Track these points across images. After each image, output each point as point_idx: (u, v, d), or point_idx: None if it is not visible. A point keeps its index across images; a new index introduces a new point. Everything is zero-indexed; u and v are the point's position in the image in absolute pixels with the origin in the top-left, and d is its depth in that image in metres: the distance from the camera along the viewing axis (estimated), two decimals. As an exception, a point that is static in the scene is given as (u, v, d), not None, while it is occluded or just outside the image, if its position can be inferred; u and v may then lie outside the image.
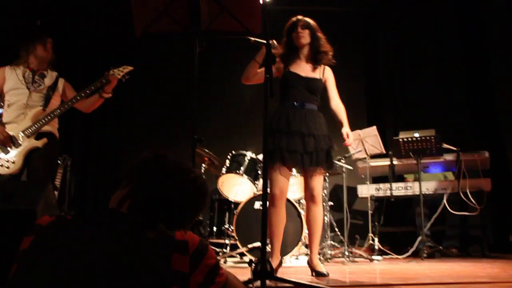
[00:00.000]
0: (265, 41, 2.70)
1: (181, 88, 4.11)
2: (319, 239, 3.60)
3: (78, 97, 3.88)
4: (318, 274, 3.41)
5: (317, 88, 3.68)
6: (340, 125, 3.77)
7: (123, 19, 2.89)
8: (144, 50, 6.60)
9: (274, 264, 3.33)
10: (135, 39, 2.79)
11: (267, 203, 2.76)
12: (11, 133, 3.72)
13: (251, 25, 2.72)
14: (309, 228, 3.58)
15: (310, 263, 3.57)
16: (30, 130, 3.75)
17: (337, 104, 3.80)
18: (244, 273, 3.55)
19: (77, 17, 6.89)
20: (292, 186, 5.06)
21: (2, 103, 3.95)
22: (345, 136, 3.72)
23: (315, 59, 3.69)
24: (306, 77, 3.63)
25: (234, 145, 5.67)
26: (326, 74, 3.77)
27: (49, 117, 3.80)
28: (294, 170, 4.18)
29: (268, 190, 3.22)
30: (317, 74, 3.70)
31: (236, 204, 5.18)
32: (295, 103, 3.57)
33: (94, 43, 6.95)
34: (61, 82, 4.10)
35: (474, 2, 7.00)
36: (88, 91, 3.89)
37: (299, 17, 3.71)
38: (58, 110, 3.82)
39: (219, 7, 2.65)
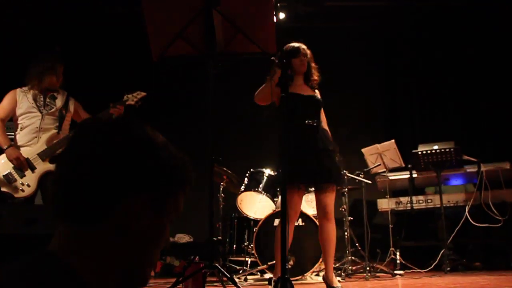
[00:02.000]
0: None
1: (199, 109, 4.15)
2: (333, 254, 3.59)
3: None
4: None
5: (319, 105, 3.75)
6: None
7: (141, 42, 2.94)
8: (162, 73, 6.69)
9: None
10: (152, 63, 2.84)
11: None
12: (25, 156, 3.76)
13: (266, 45, 2.75)
14: (323, 245, 3.58)
15: (325, 279, 3.57)
16: (45, 153, 3.79)
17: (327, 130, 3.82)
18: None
19: (93, 40, 7.02)
20: (312, 202, 5.05)
21: (15, 126, 3.98)
22: None
23: (308, 85, 3.75)
24: (307, 95, 3.67)
25: (253, 162, 5.68)
26: (320, 97, 3.82)
27: (63, 140, 3.83)
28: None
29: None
30: (316, 92, 3.79)
31: (256, 221, 5.18)
32: (306, 121, 3.57)
33: (112, 66, 7.06)
34: (71, 101, 4.13)
35: (492, 10, 6.97)
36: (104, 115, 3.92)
37: (302, 45, 3.71)
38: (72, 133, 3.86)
39: (234, 29, 2.69)
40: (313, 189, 4.76)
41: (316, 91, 3.81)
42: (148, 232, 0.98)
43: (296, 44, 3.69)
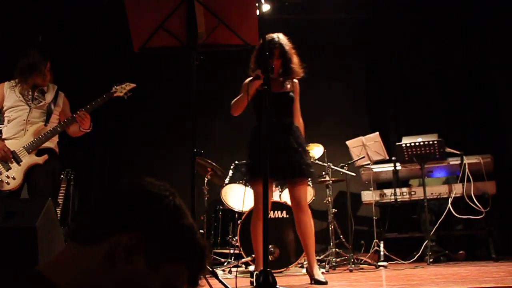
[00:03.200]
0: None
1: (182, 102, 4.12)
2: (314, 246, 3.59)
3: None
4: (316, 282, 3.41)
5: (290, 101, 3.70)
6: None
7: (124, 33, 2.90)
8: (144, 64, 6.64)
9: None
10: (134, 54, 2.81)
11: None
12: (12, 148, 3.72)
13: (248, 37, 2.74)
14: (301, 237, 3.58)
15: (308, 271, 3.57)
16: (32, 146, 3.74)
17: (300, 123, 3.78)
18: (248, 283, 3.56)
19: (78, 31, 6.93)
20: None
21: (2, 119, 3.95)
22: None
23: (285, 74, 3.68)
24: (278, 92, 3.63)
25: (237, 155, 5.67)
26: (295, 88, 3.77)
27: (49, 133, 3.80)
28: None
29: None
30: (287, 88, 3.71)
31: (240, 214, 5.18)
32: (273, 120, 3.49)
33: (95, 57, 6.99)
34: (61, 96, 4.10)
35: (475, 8, 7.01)
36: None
37: (279, 41, 3.62)
38: (58, 128, 3.83)
39: (216, 20, 2.67)
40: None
41: (295, 81, 3.76)
42: (130, 276, 1.00)
43: (272, 42, 3.59)
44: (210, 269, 2.51)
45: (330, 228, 5.31)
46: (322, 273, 4.33)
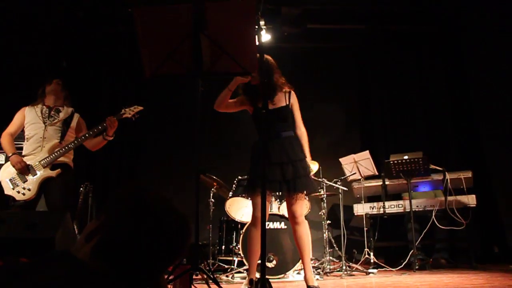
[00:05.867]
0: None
1: (191, 123, 4.14)
2: (309, 255, 3.52)
3: (87, 135, 3.92)
4: None
5: (287, 115, 3.56)
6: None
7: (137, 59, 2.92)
8: (157, 89, 6.69)
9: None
10: (145, 79, 2.82)
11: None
12: (28, 162, 3.77)
13: (248, 65, 2.74)
14: (298, 247, 3.53)
15: (304, 278, 3.54)
16: (46, 161, 3.78)
17: (301, 132, 3.63)
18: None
19: (96, 57, 7.00)
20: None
21: (22, 136, 4.01)
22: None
23: (272, 91, 3.54)
24: (274, 108, 3.52)
25: (241, 170, 5.66)
26: (292, 99, 3.61)
27: (63, 150, 3.84)
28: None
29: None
30: (283, 102, 3.56)
31: (243, 224, 5.15)
32: (271, 136, 3.45)
33: (112, 81, 7.03)
34: (76, 117, 4.12)
35: (455, 36, 7.05)
36: (95, 131, 3.93)
37: (266, 62, 3.46)
38: (72, 144, 3.87)
39: (219, 51, 2.68)
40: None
41: (290, 93, 3.60)
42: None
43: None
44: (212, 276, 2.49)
45: (325, 238, 5.28)
46: (317, 279, 4.32)
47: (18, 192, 3.71)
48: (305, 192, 3.54)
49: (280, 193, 3.79)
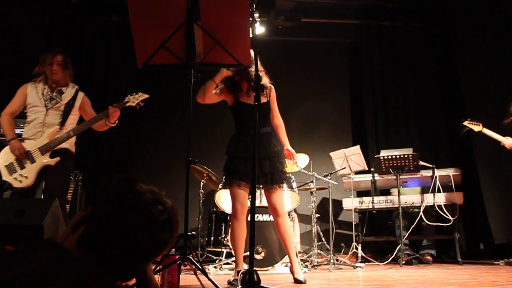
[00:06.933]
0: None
1: (183, 113, 4.10)
2: (293, 247, 3.52)
3: (88, 124, 3.83)
4: (296, 281, 3.39)
5: (267, 111, 3.60)
6: (282, 145, 3.70)
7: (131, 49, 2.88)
8: (148, 79, 6.63)
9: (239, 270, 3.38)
10: (138, 69, 2.80)
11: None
12: (28, 148, 3.68)
13: (241, 57, 2.73)
14: (282, 239, 3.54)
15: (290, 270, 3.55)
16: (46, 148, 3.70)
17: (279, 122, 3.72)
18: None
19: (90, 47, 6.94)
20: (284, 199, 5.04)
21: (25, 115, 3.88)
22: (292, 153, 3.72)
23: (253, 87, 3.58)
24: (252, 104, 3.52)
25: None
26: (271, 94, 3.65)
27: (63, 136, 3.74)
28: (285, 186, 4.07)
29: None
30: (264, 98, 3.56)
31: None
32: (250, 131, 3.44)
33: (105, 70, 6.97)
34: (80, 96, 3.99)
35: (447, 33, 7.08)
36: (96, 119, 3.83)
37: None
38: (72, 132, 3.76)
39: (212, 42, 2.67)
40: (286, 188, 4.78)
41: (270, 89, 3.63)
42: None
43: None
44: (200, 268, 2.49)
45: (313, 231, 5.30)
46: (304, 272, 4.33)
47: (15, 178, 3.63)
48: (284, 185, 3.55)
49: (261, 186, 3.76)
